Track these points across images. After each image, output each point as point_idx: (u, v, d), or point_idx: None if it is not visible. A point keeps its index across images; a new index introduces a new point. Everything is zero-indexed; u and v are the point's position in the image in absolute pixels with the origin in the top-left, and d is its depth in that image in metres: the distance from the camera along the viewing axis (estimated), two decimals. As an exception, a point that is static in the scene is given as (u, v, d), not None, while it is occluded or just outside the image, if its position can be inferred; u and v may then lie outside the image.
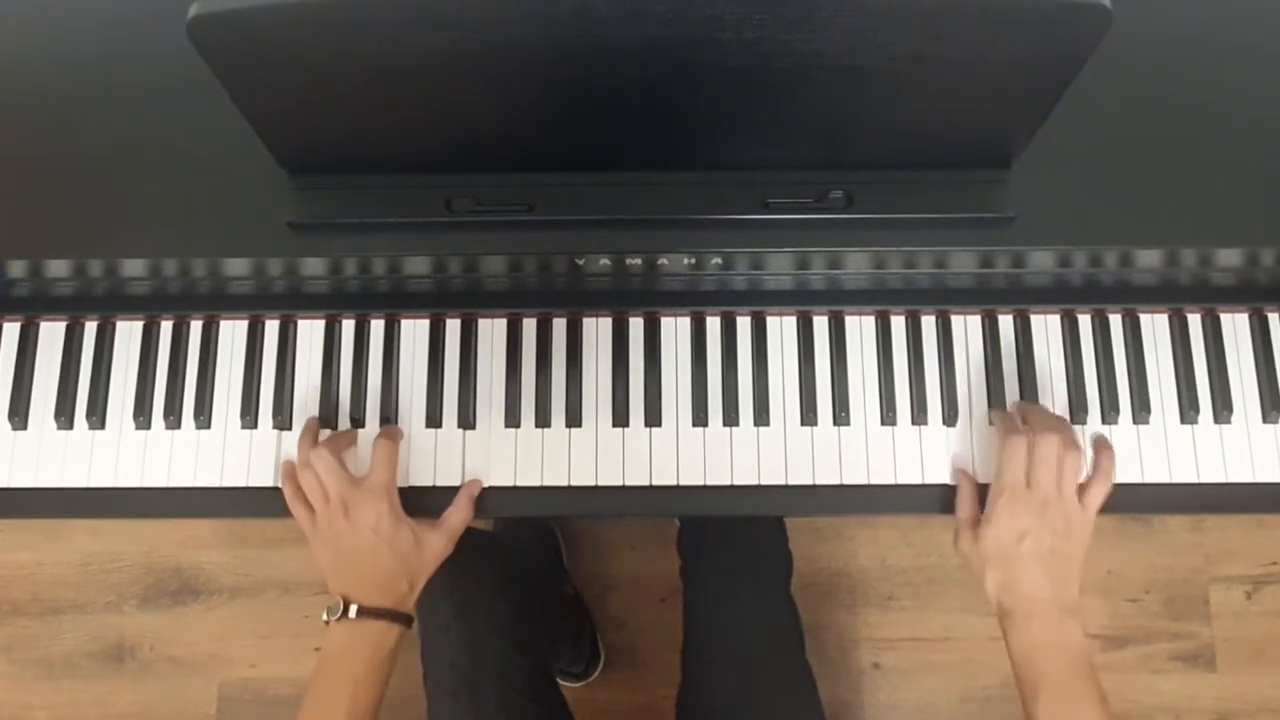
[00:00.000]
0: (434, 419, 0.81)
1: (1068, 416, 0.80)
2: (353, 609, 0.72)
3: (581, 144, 0.68)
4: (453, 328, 0.82)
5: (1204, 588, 1.48)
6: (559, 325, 0.82)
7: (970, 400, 0.81)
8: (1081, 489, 0.72)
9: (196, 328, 0.83)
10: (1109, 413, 0.80)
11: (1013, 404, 0.79)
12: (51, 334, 0.83)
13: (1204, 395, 0.80)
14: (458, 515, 0.78)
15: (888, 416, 0.80)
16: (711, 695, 0.93)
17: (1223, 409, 0.80)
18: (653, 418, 0.80)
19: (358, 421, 0.81)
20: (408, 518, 0.75)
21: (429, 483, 0.80)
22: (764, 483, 0.79)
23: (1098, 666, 0.68)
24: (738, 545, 1.00)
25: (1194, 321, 0.82)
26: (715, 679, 0.94)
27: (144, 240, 0.73)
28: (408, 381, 0.82)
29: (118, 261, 0.75)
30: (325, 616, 0.73)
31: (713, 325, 0.82)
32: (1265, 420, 0.80)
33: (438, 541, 0.76)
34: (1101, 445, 0.77)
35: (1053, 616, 0.68)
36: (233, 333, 0.83)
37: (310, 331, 0.83)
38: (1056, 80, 0.61)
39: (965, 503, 0.75)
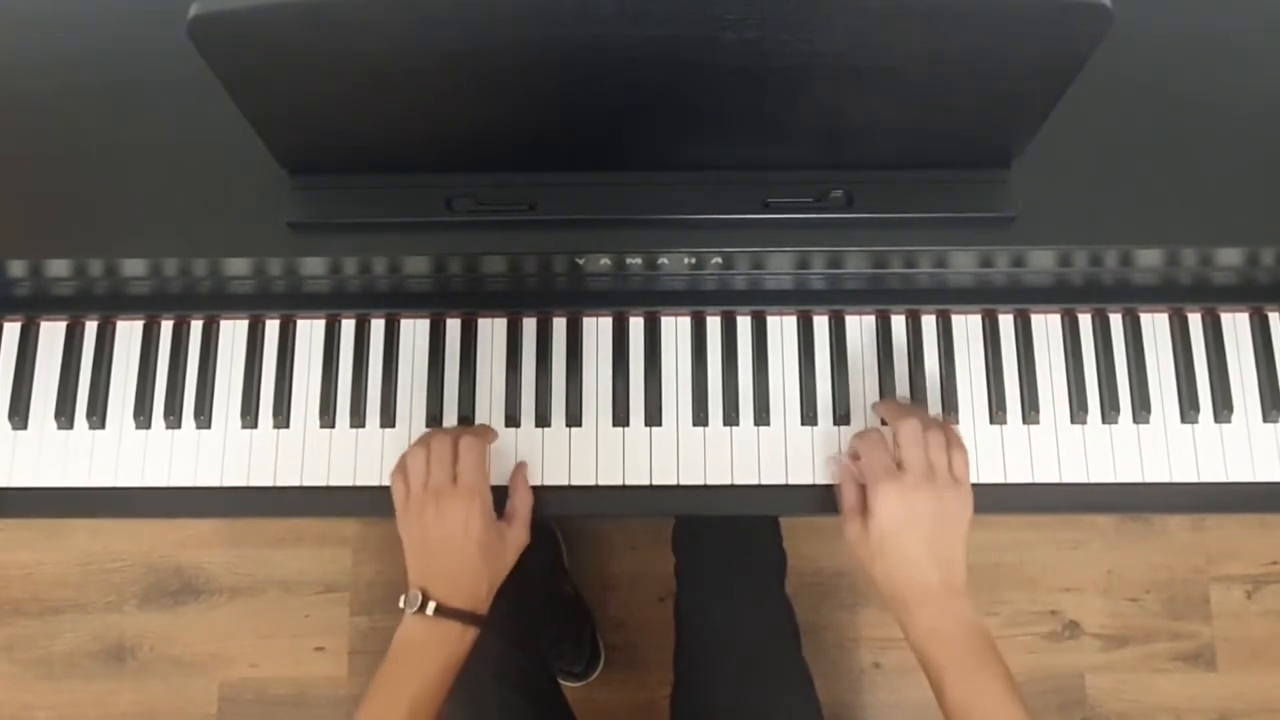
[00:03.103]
0: (434, 418, 0.81)
1: (1068, 416, 0.80)
2: (431, 605, 0.71)
3: (582, 144, 0.68)
4: (453, 327, 0.82)
5: (1204, 587, 1.48)
6: (559, 325, 0.82)
7: (972, 399, 0.81)
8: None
9: (197, 327, 0.83)
10: (1109, 412, 0.80)
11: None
12: (52, 334, 0.83)
13: (1204, 394, 0.80)
14: (522, 501, 0.78)
15: (888, 416, 0.80)
16: (707, 695, 0.93)
17: (1223, 408, 0.80)
18: (653, 417, 0.80)
19: (359, 421, 0.81)
20: (494, 517, 0.75)
21: (429, 482, 0.80)
22: (765, 482, 0.79)
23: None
24: (733, 544, 1.00)
25: (1194, 321, 0.82)
26: (710, 678, 0.94)
27: (144, 240, 0.73)
28: (408, 381, 0.82)
29: (118, 261, 0.75)
30: (402, 605, 0.72)
31: (713, 325, 0.82)
32: (1266, 420, 0.80)
33: (518, 535, 0.77)
34: (941, 419, 0.77)
35: (942, 600, 0.68)
36: (233, 332, 0.83)
37: (310, 331, 0.83)
38: (1057, 80, 0.61)
39: (850, 491, 0.74)
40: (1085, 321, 0.82)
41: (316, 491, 0.80)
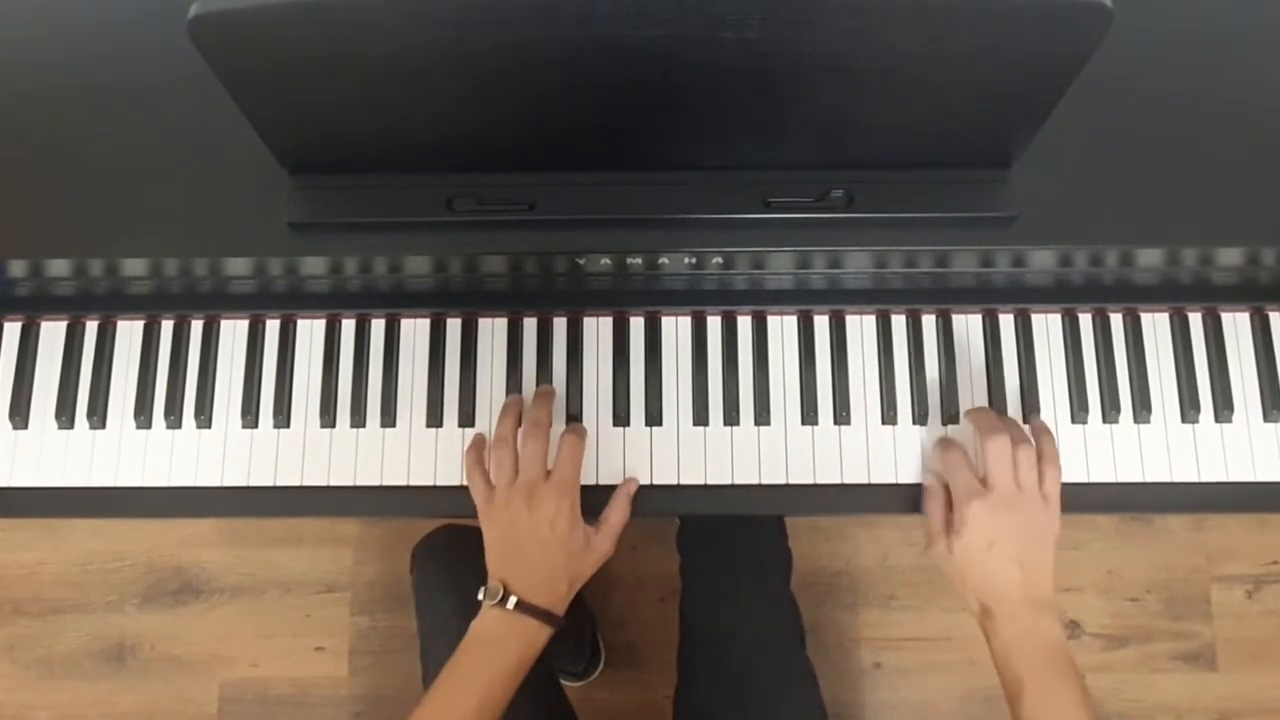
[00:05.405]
0: (435, 418, 0.81)
1: (1069, 416, 0.80)
2: (511, 599, 0.72)
3: (583, 143, 0.68)
4: (453, 327, 0.82)
5: (1205, 587, 1.48)
6: (559, 325, 0.82)
7: (972, 399, 0.80)
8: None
9: (197, 327, 0.83)
10: (1110, 412, 0.80)
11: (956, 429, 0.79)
12: (52, 333, 0.83)
13: (1205, 394, 0.80)
14: (618, 515, 0.77)
15: (889, 415, 0.80)
16: (710, 694, 0.93)
17: (1224, 408, 0.80)
18: (653, 417, 0.80)
19: (359, 421, 0.81)
20: (582, 519, 0.75)
21: (429, 482, 0.80)
22: (765, 482, 0.79)
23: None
24: (738, 544, 1.00)
25: (1195, 320, 0.82)
26: (714, 678, 0.94)
27: (145, 240, 0.73)
28: (408, 381, 0.82)
29: (118, 261, 0.75)
30: (480, 596, 0.73)
31: (713, 324, 0.82)
32: (1266, 419, 0.80)
33: (603, 544, 0.76)
34: (1040, 430, 0.77)
35: (1028, 616, 0.69)
36: (234, 332, 0.83)
37: (311, 331, 0.83)
38: (1057, 80, 0.61)
39: (936, 510, 0.74)
40: (1086, 321, 0.82)
41: (316, 491, 0.80)
